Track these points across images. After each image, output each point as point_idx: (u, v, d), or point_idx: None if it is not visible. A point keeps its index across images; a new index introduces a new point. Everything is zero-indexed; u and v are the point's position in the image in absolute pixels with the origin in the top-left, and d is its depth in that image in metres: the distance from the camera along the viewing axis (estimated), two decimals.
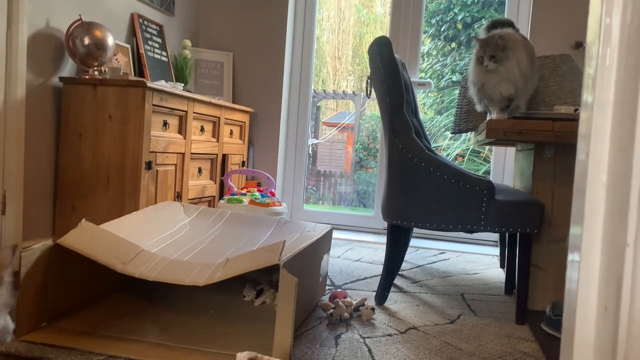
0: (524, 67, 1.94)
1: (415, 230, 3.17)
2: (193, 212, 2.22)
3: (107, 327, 1.59)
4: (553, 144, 2.08)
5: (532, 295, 2.10)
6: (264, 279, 2.04)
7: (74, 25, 2.55)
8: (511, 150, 3.66)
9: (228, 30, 3.93)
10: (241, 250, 1.84)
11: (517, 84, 1.95)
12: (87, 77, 2.56)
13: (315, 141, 5.16)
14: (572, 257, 0.83)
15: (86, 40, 2.51)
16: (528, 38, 2.25)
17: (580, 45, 3.10)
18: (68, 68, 2.66)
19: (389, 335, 1.75)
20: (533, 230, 1.91)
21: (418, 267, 2.85)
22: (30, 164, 2.46)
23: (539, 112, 1.99)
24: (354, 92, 5.15)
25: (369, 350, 1.60)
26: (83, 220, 1.62)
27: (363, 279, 2.49)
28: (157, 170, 2.63)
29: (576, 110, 1.98)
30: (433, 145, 3.09)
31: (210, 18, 3.95)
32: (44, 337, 1.48)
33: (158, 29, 3.37)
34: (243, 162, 3.70)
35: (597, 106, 0.76)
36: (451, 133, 3.13)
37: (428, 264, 2.96)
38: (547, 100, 2.31)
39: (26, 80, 2.37)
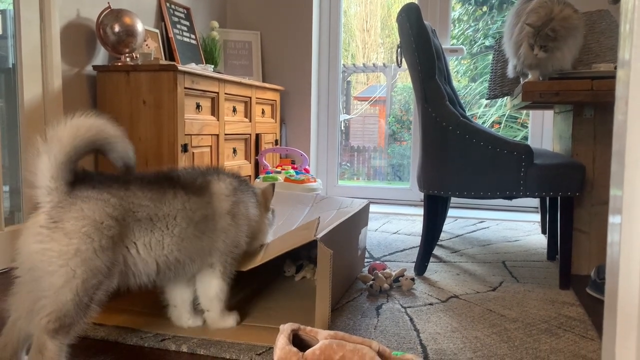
0: (575, 52, 1.92)
1: (453, 199, 3.14)
2: None
3: (157, 306, 1.63)
4: (592, 103, 2.02)
5: (576, 260, 2.06)
6: (303, 254, 2.07)
7: (103, 14, 2.58)
8: (549, 114, 3.56)
9: (254, 9, 3.92)
10: (282, 229, 1.87)
11: (566, 68, 1.92)
12: (119, 64, 2.61)
13: (347, 117, 5.13)
14: (613, 219, 0.81)
15: (116, 28, 2.55)
16: None
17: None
18: (101, 56, 2.71)
19: (430, 304, 1.75)
20: (574, 194, 1.86)
21: (457, 236, 2.83)
22: None
23: (576, 72, 1.93)
24: (384, 64, 5.08)
25: (411, 320, 1.61)
26: None
27: (401, 251, 2.49)
28: (193, 153, 2.67)
29: (616, 67, 1.90)
30: (468, 113, 3.03)
31: None
32: (102, 318, 1.52)
33: (185, 12, 3.39)
34: (276, 141, 3.72)
35: (634, 62, 0.73)
36: (486, 99, 3.06)
37: (467, 233, 2.93)
38: (584, 59, 2.23)
39: (62, 71, 2.43)
